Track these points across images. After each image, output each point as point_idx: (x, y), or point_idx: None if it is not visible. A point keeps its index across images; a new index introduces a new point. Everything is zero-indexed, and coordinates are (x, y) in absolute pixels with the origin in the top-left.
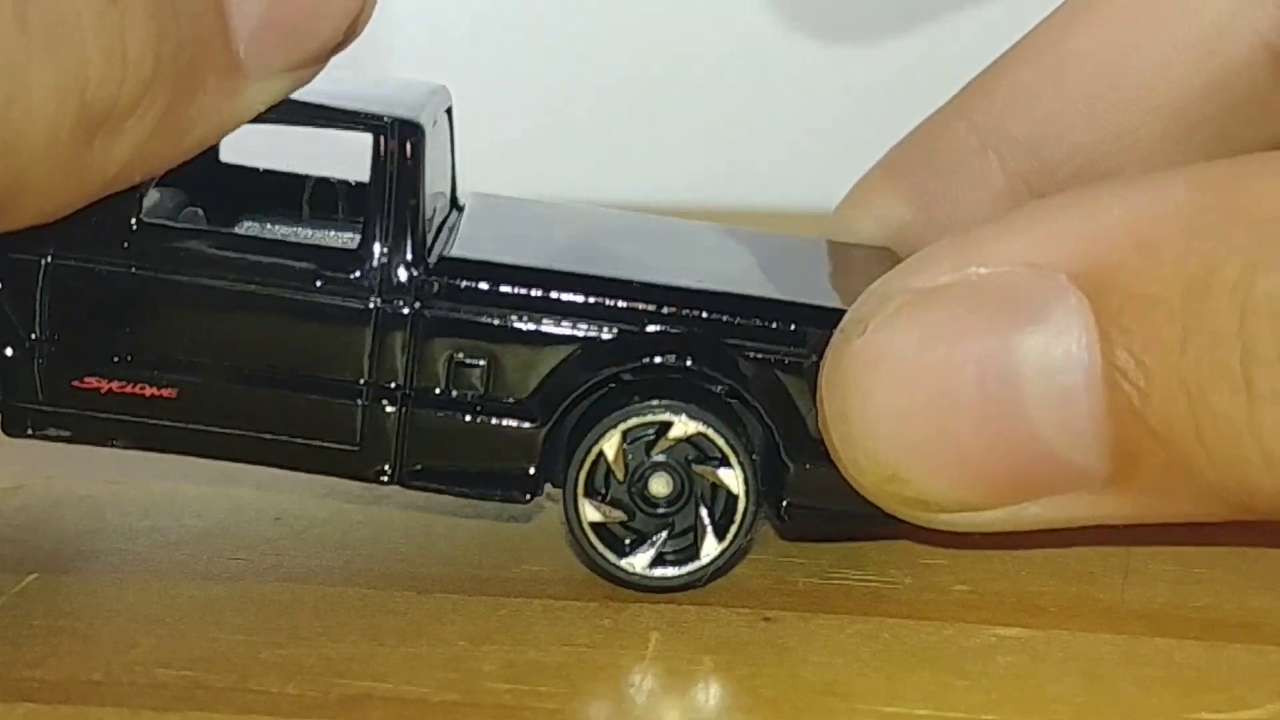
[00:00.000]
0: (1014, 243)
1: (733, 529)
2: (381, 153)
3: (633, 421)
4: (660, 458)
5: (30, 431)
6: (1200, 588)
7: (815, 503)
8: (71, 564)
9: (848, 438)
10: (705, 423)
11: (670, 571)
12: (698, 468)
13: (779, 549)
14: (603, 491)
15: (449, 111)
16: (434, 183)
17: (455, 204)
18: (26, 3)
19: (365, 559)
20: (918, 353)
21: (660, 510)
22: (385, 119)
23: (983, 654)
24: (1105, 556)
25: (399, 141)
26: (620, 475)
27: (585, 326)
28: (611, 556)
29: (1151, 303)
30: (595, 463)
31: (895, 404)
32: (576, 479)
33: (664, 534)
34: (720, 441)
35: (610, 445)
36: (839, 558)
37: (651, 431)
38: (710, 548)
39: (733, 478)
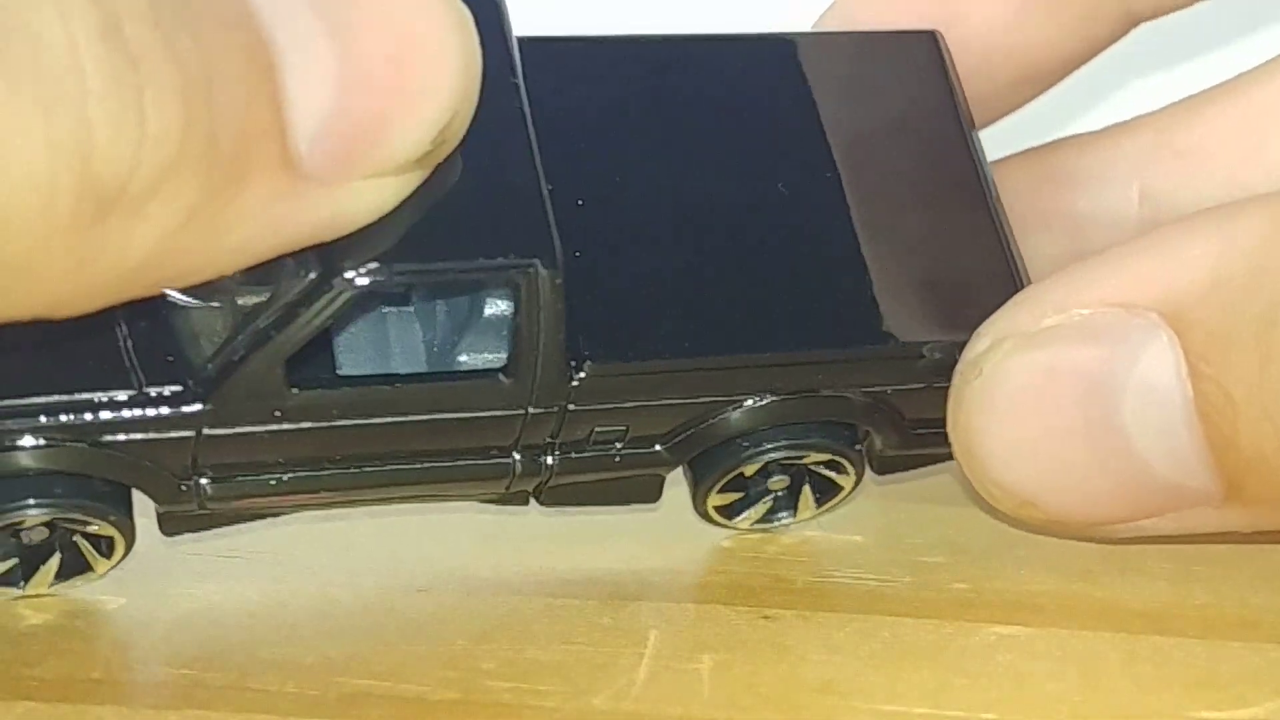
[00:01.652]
0: (1109, 284)
1: (829, 502)
2: (524, 295)
3: (757, 462)
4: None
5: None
6: (1200, 586)
7: (905, 464)
8: None
9: (977, 471)
10: (829, 451)
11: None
12: (825, 470)
13: (779, 548)
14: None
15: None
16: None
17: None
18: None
19: (365, 559)
20: (1028, 390)
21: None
22: (528, 268)
23: (982, 652)
24: (1104, 555)
25: (542, 284)
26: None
27: (709, 399)
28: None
29: (1229, 339)
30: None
31: (1013, 438)
32: (706, 498)
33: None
34: (842, 461)
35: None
36: (839, 557)
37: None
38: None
39: (847, 479)
